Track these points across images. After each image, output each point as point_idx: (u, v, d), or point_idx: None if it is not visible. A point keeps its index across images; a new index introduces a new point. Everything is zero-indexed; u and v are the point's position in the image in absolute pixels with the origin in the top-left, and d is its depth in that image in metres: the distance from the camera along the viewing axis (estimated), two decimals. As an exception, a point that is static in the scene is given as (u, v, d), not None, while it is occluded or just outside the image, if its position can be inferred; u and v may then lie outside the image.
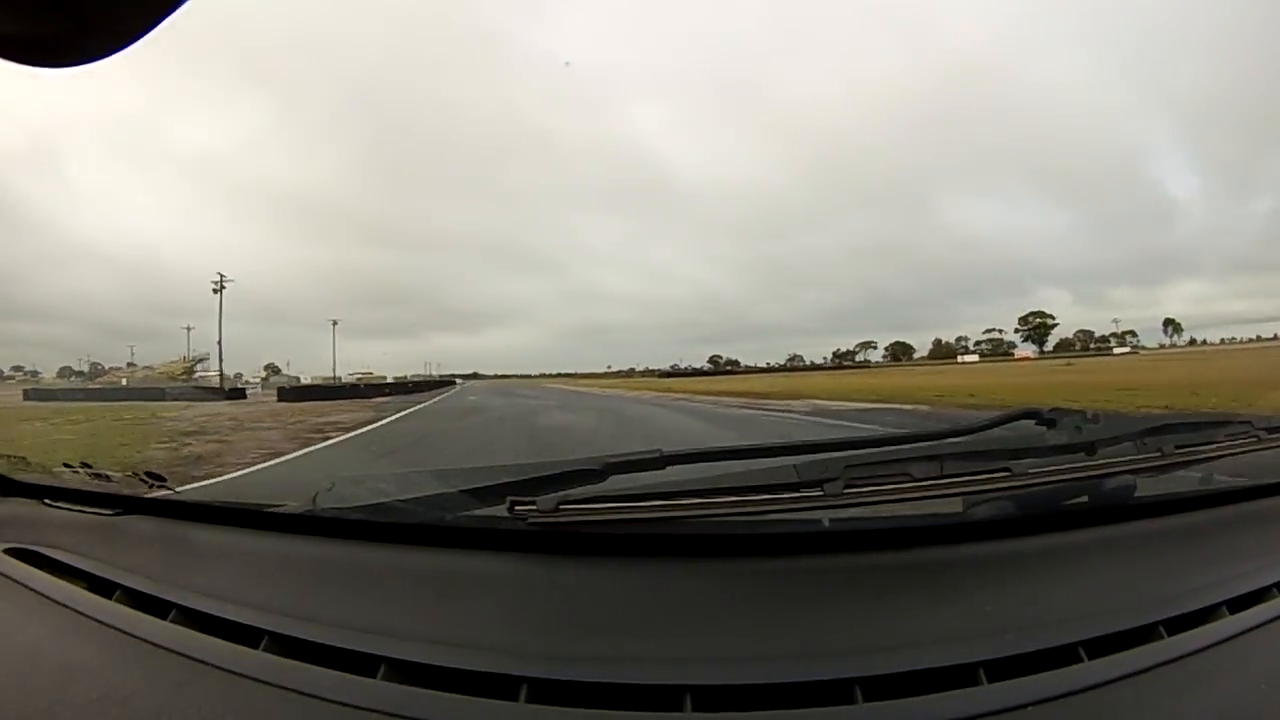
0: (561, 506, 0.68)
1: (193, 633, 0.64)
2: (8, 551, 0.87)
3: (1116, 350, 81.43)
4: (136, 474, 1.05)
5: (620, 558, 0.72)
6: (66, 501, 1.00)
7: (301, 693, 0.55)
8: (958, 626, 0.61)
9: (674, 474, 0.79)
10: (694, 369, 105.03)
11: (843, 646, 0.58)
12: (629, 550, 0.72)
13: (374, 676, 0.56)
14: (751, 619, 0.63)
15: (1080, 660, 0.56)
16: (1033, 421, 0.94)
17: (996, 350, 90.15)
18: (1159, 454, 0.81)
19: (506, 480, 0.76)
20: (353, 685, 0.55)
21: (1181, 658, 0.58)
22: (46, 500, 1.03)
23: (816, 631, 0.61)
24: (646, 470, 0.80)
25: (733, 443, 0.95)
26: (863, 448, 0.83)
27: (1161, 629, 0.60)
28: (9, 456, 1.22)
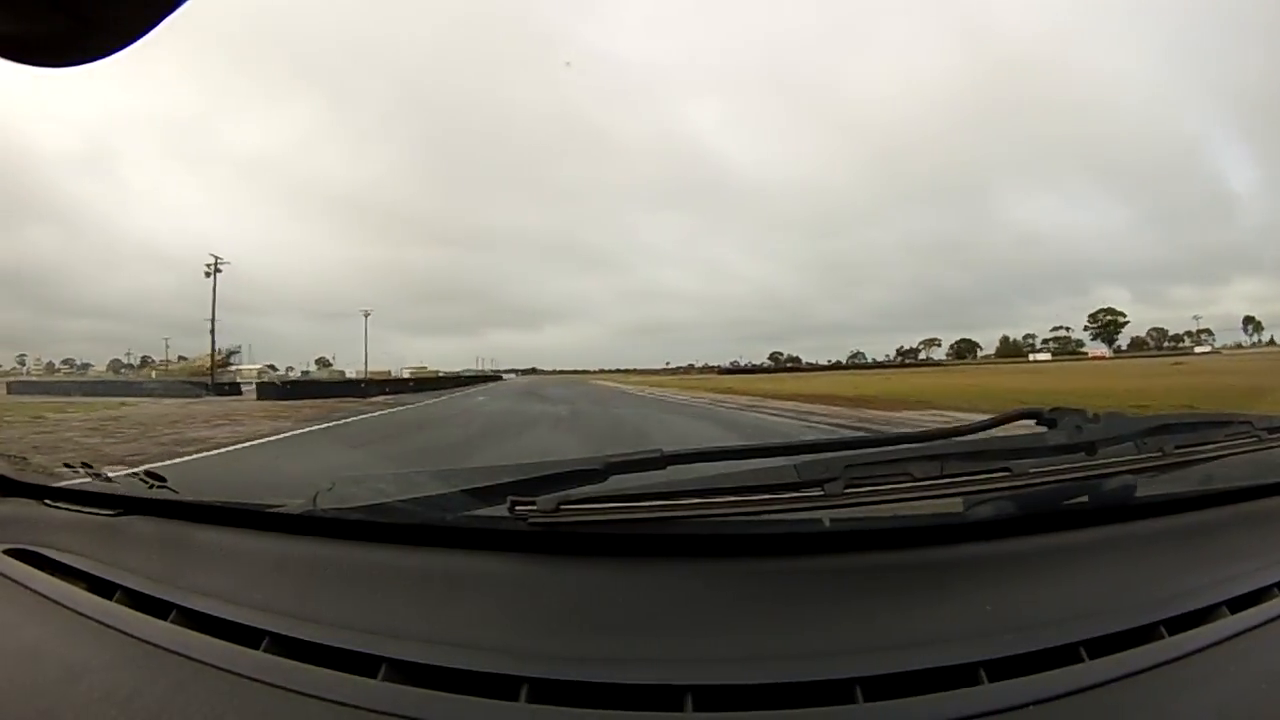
0: (562, 506, 0.68)
1: (193, 633, 0.64)
2: (8, 552, 0.87)
3: (1197, 349, 77.74)
4: (137, 474, 1.05)
5: (621, 558, 0.72)
6: (67, 502, 1.00)
7: (302, 693, 0.55)
8: (958, 626, 0.61)
9: (674, 474, 0.79)
10: (754, 365, 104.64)
11: (843, 646, 0.59)
12: (630, 550, 0.72)
13: (375, 677, 0.56)
14: (752, 619, 0.63)
15: (1081, 660, 0.56)
16: (1033, 421, 0.94)
17: (1064, 349, 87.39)
18: (1159, 454, 0.81)
19: (507, 480, 0.76)
20: (353, 686, 0.55)
21: (1182, 658, 0.58)
22: (47, 500, 1.03)
23: (817, 631, 0.61)
24: (647, 470, 0.80)
25: (733, 442, 0.95)
26: (863, 447, 0.83)
27: (1162, 629, 0.60)
28: (9, 456, 1.22)
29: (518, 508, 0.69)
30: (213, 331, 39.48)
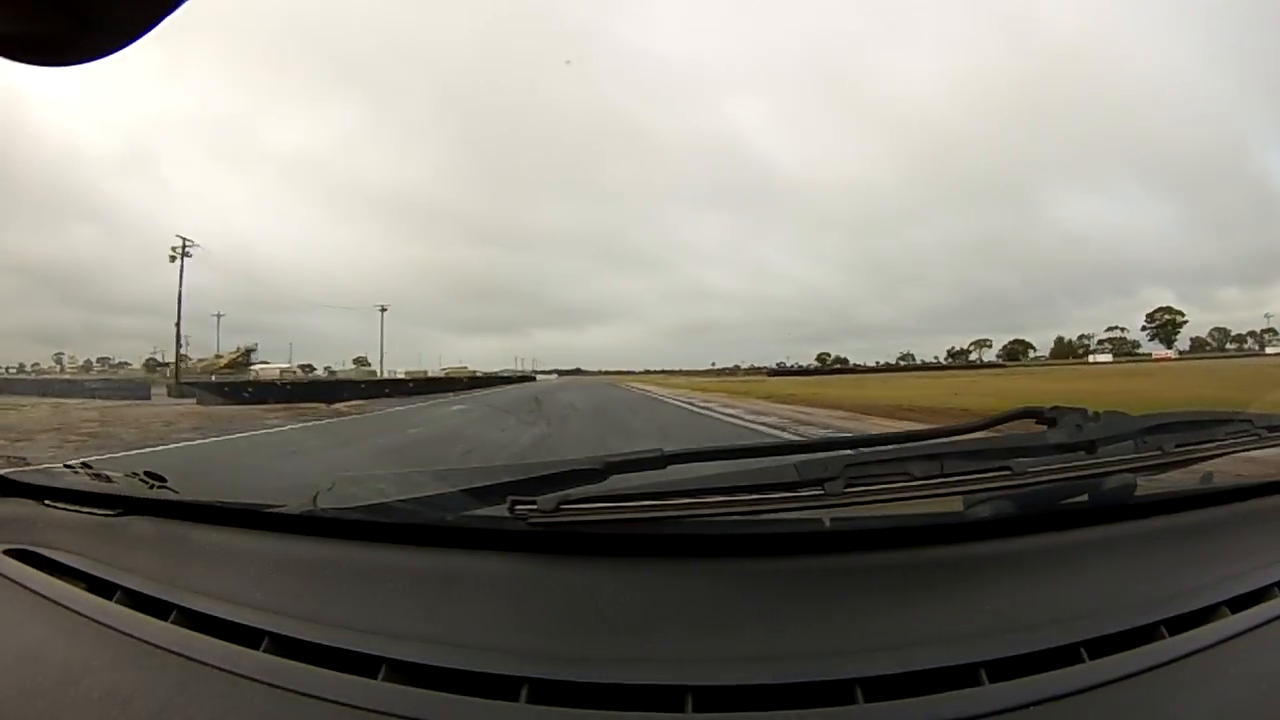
0: (562, 506, 0.68)
1: (193, 633, 0.64)
2: (7, 552, 0.87)
3: (1268, 350, 74.52)
4: (136, 474, 1.05)
5: (621, 558, 0.72)
6: (66, 502, 1.00)
7: (302, 693, 0.55)
8: (958, 626, 0.61)
9: (674, 474, 0.79)
10: (800, 367, 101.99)
11: (844, 646, 0.58)
12: (630, 550, 0.72)
13: (375, 677, 0.56)
14: (752, 619, 0.63)
15: (1081, 660, 0.56)
16: (1033, 420, 0.94)
17: (1120, 349, 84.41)
18: (1159, 452, 0.81)
19: (507, 480, 0.76)
20: (353, 686, 0.55)
21: (1182, 657, 0.58)
22: (46, 501, 1.03)
23: (817, 631, 0.61)
24: (647, 470, 0.80)
25: (733, 442, 0.95)
26: (862, 446, 0.83)
27: (1162, 629, 0.60)
28: (9, 457, 1.22)
29: (518, 508, 0.69)
30: (179, 325, 34.83)
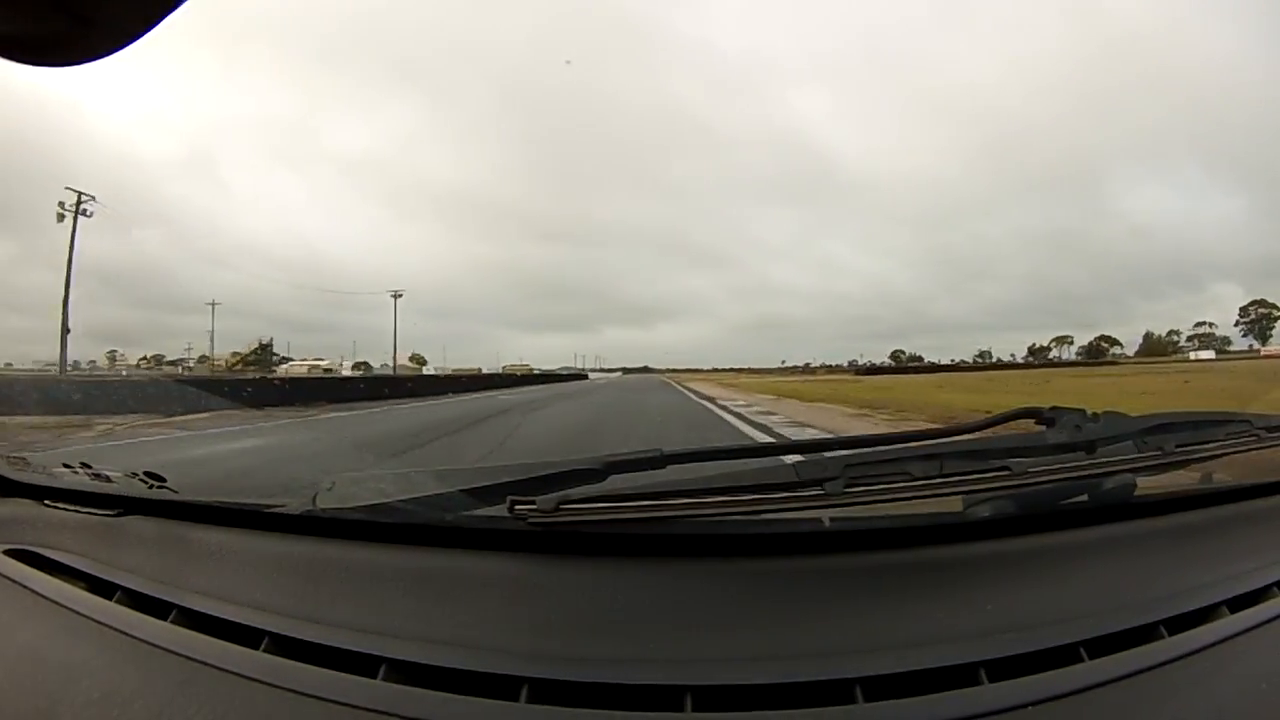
0: (562, 506, 0.68)
1: (193, 633, 0.64)
2: (7, 552, 0.87)
3: None
4: (136, 474, 1.05)
5: (621, 558, 0.72)
6: (66, 502, 1.00)
7: (302, 693, 0.55)
8: (958, 626, 0.61)
9: (674, 473, 0.79)
10: (874, 365, 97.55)
11: (843, 646, 0.59)
12: (630, 550, 0.72)
13: (374, 677, 0.56)
14: (752, 619, 0.63)
15: (1081, 660, 0.56)
16: (1032, 420, 0.94)
17: (1207, 344, 78.63)
18: (1159, 453, 0.81)
19: (507, 480, 0.76)
20: (353, 685, 0.55)
21: (1182, 657, 0.58)
22: (46, 500, 1.03)
23: (817, 631, 0.61)
24: (647, 470, 0.80)
25: (733, 442, 0.95)
26: (862, 447, 0.83)
27: (1162, 628, 0.60)
28: (9, 457, 1.22)
29: (518, 507, 0.69)
30: (65, 302, 26.66)
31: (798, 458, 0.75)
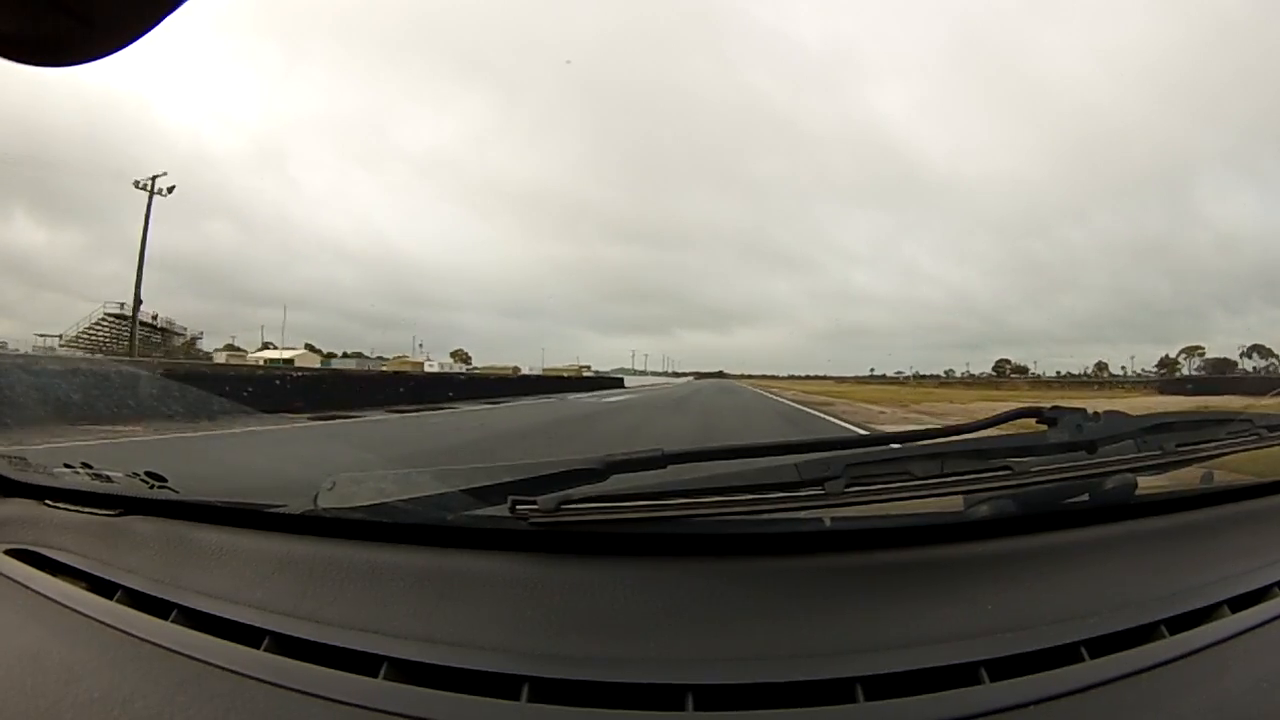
0: (563, 506, 0.68)
1: (194, 633, 0.64)
2: (8, 552, 0.87)
3: None
4: (137, 474, 1.05)
5: (622, 557, 0.72)
6: (67, 502, 1.00)
7: (303, 692, 0.55)
8: (959, 625, 0.61)
9: (675, 473, 0.79)
10: (971, 376, 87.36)
11: (844, 645, 0.59)
12: (631, 550, 0.72)
13: (376, 676, 0.56)
14: (753, 618, 0.63)
15: (1082, 659, 0.56)
16: (1033, 420, 0.94)
17: None
18: (1160, 452, 0.81)
19: (508, 480, 0.76)
20: (354, 685, 0.55)
21: (1183, 657, 0.58)
22: (47, 500, 1.03)
23: (818, 630, 0.61)
24: (648, 469, 0.80)
25: (734, 442, 0.95)
26: (863, 446, 0.83)
27: (1163, 628, 0.60)
28: (9, 457, 1.22)
29: (519, 507, 0.69)
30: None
31: (799, 457, 0.75)
